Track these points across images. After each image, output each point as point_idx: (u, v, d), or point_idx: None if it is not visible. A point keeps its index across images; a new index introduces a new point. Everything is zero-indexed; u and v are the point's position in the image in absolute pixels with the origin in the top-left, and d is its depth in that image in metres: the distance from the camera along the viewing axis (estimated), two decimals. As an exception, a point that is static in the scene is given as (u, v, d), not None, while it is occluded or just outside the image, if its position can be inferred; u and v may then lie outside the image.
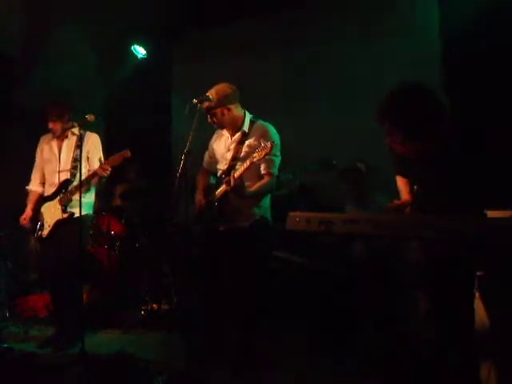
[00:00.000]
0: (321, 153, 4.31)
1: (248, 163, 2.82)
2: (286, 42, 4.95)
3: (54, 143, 3.75)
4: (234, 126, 3.16)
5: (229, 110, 3.09)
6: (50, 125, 3.67)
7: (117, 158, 3.46)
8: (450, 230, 1.75)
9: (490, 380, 2.03)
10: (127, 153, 3.45)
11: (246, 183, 2.97)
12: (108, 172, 3.47)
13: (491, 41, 3.63)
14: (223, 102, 3.06)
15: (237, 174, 2.87)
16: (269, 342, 3.32)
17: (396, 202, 2.30)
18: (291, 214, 2.14)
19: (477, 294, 2.11)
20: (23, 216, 3.73)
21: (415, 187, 2.41)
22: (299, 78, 4.84)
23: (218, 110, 3.07)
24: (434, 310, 2.21)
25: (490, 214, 2.04)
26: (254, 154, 2.78)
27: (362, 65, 4.44)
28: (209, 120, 3.13)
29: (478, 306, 2.12)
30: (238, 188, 2.90)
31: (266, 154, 2.73)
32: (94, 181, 3.60)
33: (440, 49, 4.13)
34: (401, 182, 2.46)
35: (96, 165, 3.63)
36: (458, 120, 2.18)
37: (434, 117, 2.07)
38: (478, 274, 2.10)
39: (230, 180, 2.87)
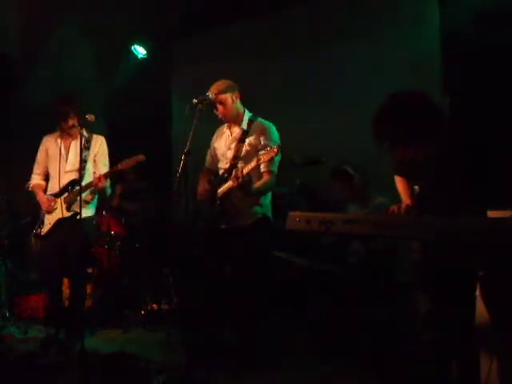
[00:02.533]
0: (320, 153, 4.31)
1: (254, 163, 2.82)
2: (286, 42, 4.95)
3: (61, 143, 3.72)
4: (236, 120, 3.17)
5: (236, 97, 3.12)
6: (69, 123, 3.59)
7: (129, 162, 3.47)
8: (450, 231, 1.75)
9: (490, 380, 2.03)
10: (141, 157, 3.44)
11: None
12: (103, 184, 3.46)
13: (491, 41, 3.62)
14: (232, 88, 3.10)
15: (245, 171, 2.87)
16: (269, 341, 3.32)
17: (394, 207, 2.29)
18: (291, 213, 2.14)
19: (477, 294, 2.11)
20: (46, 201, 3.64)
21: (415, 187, 2.41)
22: (299, 78, 4.83)
23: (228, 95, 3.08)
24: (434, 309, 2.21)
25: (490, 214, 2.04)
26: (260, 156, 2.78)
27: (362, 65, 4.43)
28: (217, 111, 3.11)
29: (479, 306, 2.12)
30: (245, 185, 2.90)
31: (273, 157, 2.75)
32: (89, 189, 3.59)
33: (440, 49, 4.12)
34: (400, 184, 2.46)
35: (102, 169, 3.64)
36: (458, 120, 2.18)
37: (429, 124, 2.07)
38: (479, 274, 2.09)
39: (237, 176, 2.87)
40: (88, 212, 3.54)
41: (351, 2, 4.65)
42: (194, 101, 2.91)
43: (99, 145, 3.72)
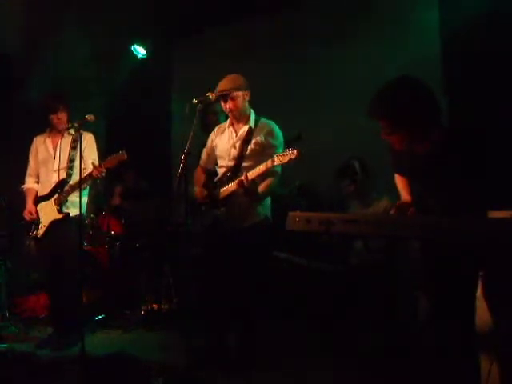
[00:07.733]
0: (320, 153, 4.31)
1: (267, 165, 2.80)
2: (285, 42, 4.95)
3: (49, 142, 3.76)
4: (243, 119, 3.13)
5: (247, 95, 3.08)
6: (59, 116, 3.65)
7: (112, 160, 3.43)
8: (450, 231, 1.75)
9: (490, 380, 2.03)
10: (123, 156, 3.40)
11: None
12: (103, 174, 3.45)
13: (491, 41, 3.62)
14: (244, 86, 3.06)
15: (250, 176, 2.84)
16: (269, 341, 3.31)
17: (399, 202, 2.29)
18: (291, 214, 2.13)
19: (478, 294, 2.11)
20: (27, 210, 3.68)
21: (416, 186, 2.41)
22: (299, 78, 4.83)
23: (241, 94, 3.04)
24: (434, 309, 2.21)
25: (491, 213, 2.04)
26: (275, 159, 2.75)
27: (362, 65, 4.43)
28: (227, 106, 3.04)
29: (479, 305, 2.12)
30: (251, 189, 2.88)
31: (291, 159, 2.71)
32: (89, 182, 3.58)
33: (440, 49, 4.12)
34: (400, 182, 2.46)
35: (89, 164, 3.64)
36: (458, 119, 2.18)
37: (418, 106, 2.07)
38: (479, 274, 2.09)
39: (242, 181, 2.85)
40: (77, 211, 3.43)
41: (351, 2, 4.65)
42: (194, 101, 2.90)
43: (86, 141, 3.71)
